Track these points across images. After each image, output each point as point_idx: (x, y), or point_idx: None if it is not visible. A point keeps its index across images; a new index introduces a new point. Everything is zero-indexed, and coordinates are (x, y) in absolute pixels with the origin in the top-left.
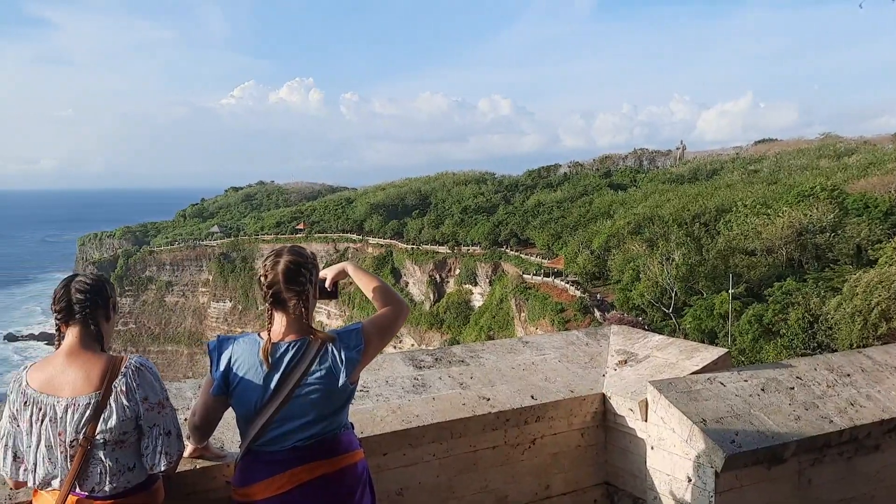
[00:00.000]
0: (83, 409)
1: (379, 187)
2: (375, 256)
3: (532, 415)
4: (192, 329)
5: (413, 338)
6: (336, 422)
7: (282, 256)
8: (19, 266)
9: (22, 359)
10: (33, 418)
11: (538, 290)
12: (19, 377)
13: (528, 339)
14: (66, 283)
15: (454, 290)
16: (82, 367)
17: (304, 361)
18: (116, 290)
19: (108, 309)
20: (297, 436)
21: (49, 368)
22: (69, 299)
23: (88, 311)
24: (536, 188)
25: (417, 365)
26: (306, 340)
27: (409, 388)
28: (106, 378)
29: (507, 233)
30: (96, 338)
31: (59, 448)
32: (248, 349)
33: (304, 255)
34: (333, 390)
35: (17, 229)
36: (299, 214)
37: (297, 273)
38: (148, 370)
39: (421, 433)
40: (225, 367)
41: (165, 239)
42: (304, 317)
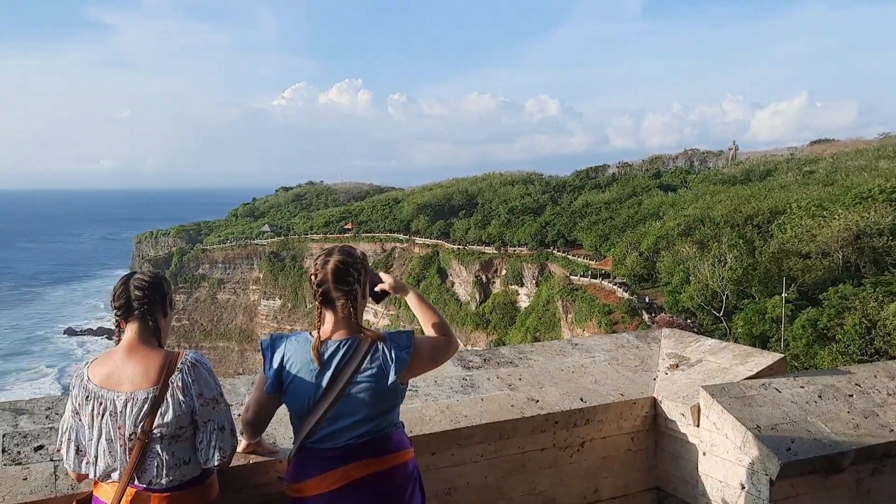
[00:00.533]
0: (141, 403)
1: (426, 188)
2: (422, 256)
3: (581, 417)
4: (243, 326)
5: (459, 338)
6: (387, 421)
7: (332, 256)
8: (81, 263)
9: (84, 352)
10: (94, 412)
11: (585, 292)
12: (81, 372)
13: (577, 342)
14: (126, 281)
15: (500, 291)
16: (141, 362)
17: (354, 360)
18: (171, 287)
19: (165, 305)
20: (348, 434)
21: (109, 364)
22: (128, 296)
23: (146, 307)
24: (584, 189)
25: (466, 365)
26: (356, 339)
27: (458, 389)
28: (163, 373)
29: (554, 233)
30: (154, 333)
31: (119, 441)
32: (299, 348)
33: (353, 255)
34: (383, 389)
35: (79, 227)
36: (347, 214)
37: (346, 273)
38: (203, 366)
39: (469, 434)
40: (278, 365)
41: (218, 237)
42: (352, 316)
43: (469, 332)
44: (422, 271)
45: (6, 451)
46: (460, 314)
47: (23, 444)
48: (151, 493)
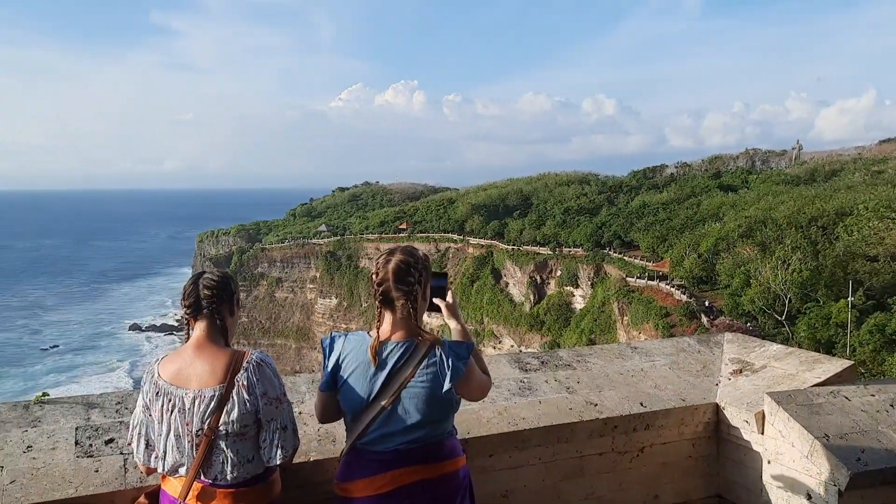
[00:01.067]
0: (208, 400)
1: (480, 188)
2: (476, 257)
3: (641, 422)
4: (300, 324)
5: (513, 339)
6: (440, 428)
7: (393, 255)
8: (147, 260)
9: (153, 347)
10: (164, 408)
11: (642, 294)
12: (152, 369)
13: (636, 345)
14: (195, 280)
15: (555, 292)
16: (208, 360)
17: (410, 363)
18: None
19: (232, 304)
20: (400, 438)
21: (178, 361)
22: (197, 295)
23: (215, 306)
24: (641, 189)
25: (523, 367)
26: (414, 342)
27: (515, 391)
28: (229, 372)
29: (610, 234)
30: (221, 332)
31: (187, 437)
32: (357, 346)
33: (415, 255)
34: (437, 396)
35: (145, 226)
36: (402, 214)
37: (407, 273)
38: (268, 366)
39: (527, 436)
40: (334, 363)
41: (276, 237)
42: (412, 318)
43: (523, 334)
44: (476, 272)
45: (79, 444)
46: (514, 315)
47: (94, 438)
48: (217, 489)
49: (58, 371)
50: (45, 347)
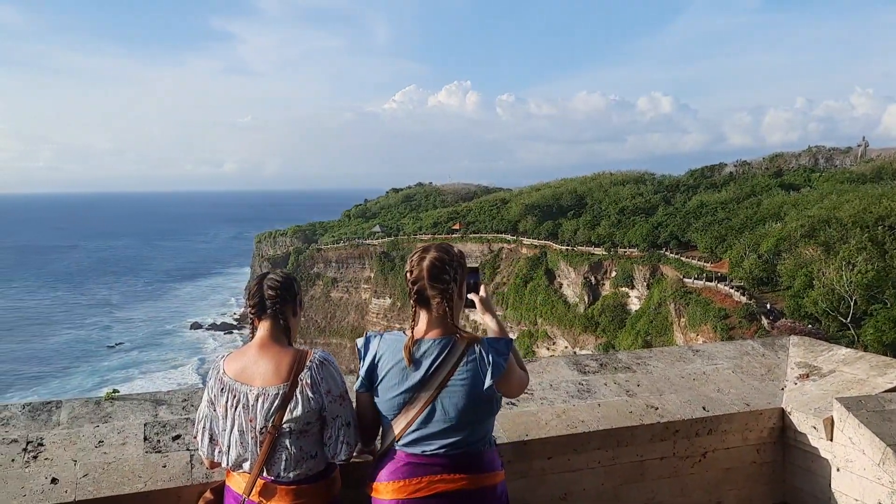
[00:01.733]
0: (272, 398)
1: (534, 188)
2: (529, 257)
3: (703, 427)
4: (355, 323)
5: (567, 340)
6: (480, 433)
7: (428, 253)
8: (208, 260)
9: (218, 345)
10: (228, 404)
11: (699, 295)
12: (217, 365)
13: (698, 348)
14: (260, 280)
15: (610, 293)
16: (272, 359)
17: (448, 361)
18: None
19: (295, 305)
20: (439, 441)
21: (243, 358)
22: (262, 295)
23: (278, 306)
24: (699, 188)
25: (582, 370)
26: (451, 340)
27: (574, 393)
28: (293, 371)
29: (666, 235)
30: (285, 332)
31: (250, 434)
32: (392, 346)
33: (450, 252)
34: (478, 394)
35: (206, 227)
36: (455, 215)
37: (442, 271)
38: (330, 364)
39: (586, 439)
40: (369, 363)
41: (332, 237)
42: (448, 316)
43: (577, 335)
44: (529, 272)
45: (147, 440)
46: (568, 316)
47: (162, 434)
48: (279, 486)
49: (123, 367)
50: (112, 344)
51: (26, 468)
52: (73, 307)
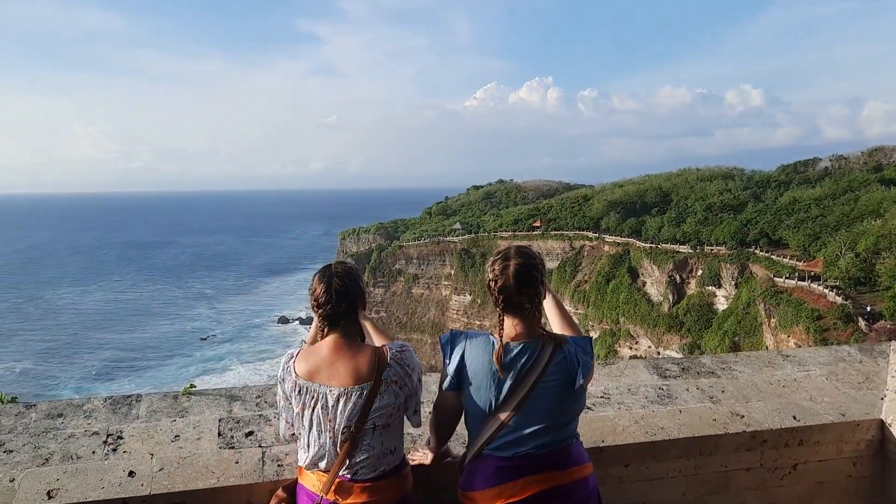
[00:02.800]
0: (355, 399)
1: (616, 184)
2: (612, 255)
3: (794, 437)
4: (436, 320)
5: (650, 339)
6: (568, 431)
7: (510, 260)
8: (295, 256)
9: (302, 341)
10: (306, 405)
11: (791, 295)
12: (289, 367)
13: (788, 353)
14: (327, 282)
15: (695, 292)
16: (351, 359)
17: (538, 364)
18: (370, 280)
19: (363, 301)
20: (530, 443)
21: (316, 359)
22: (329, 297)
23: (350, 310)
24: (791, 184)
25: (662, 374)
26: (539, 342)
27: (654, 399)
28: (374, 370)
29: (756, 232)
30: (357, 330)
31: (329, 434)
32: (480, 349)
33: (532, 255)
34: (568, 395)
35: (293, 224)
36: (536, 212)
37: (530, 276)
38: (408, 351)
39: (667, 447)
40: (458, 363)
41: (413, 234)
42: (537, 320)
43: (661, 335)
44: (611, 270)
45: (221, 435)
46: (652, 315)
47: (236, 430)
48: (355, 483)
49: (214, 360)
50: (204, 337)
51: (106, 460)
52: (169, 300)
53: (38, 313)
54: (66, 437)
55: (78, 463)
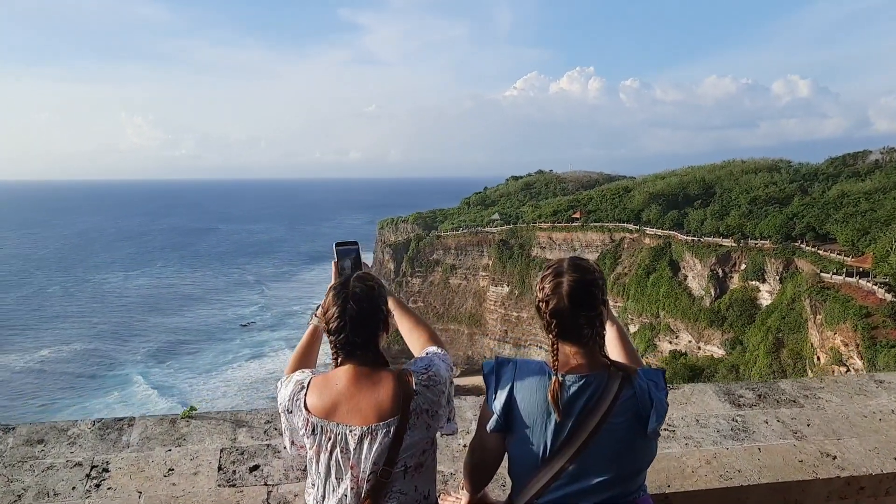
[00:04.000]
0: (381, 437)
1: (658, 176)
2: (652, 248)
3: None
4: (473, 311)
5: (690, 334)
6: (636, 484)
7: (564, 275)
8: None
9: None
10: (322, 448)
11: (838, 292)
12: (298, 398)
13: (882, 377)
14: (342, 304)
15: (738, 287)
16: (371, 391)
17: (602, 402)
18: (407, 270)
19: (385, 326)
20: (590, 498)
21: (330, 391)
22: (344, 322)
23: (369, 331)
24: (840, 177)
25: (735, 401)
26: (604, 375)
27: (727, 432)
28: (399, 401)
29: (802, 226)
30: (377, 357)
31: (351, 481)
32: (532, 384)
33: (590, 268)
34: (639, 440)
35: (333, 213)
36: (576, 203)
37: (588, 295)
38: (438, 376)
39: (744, 494)
40: (506, 399)
41: (451, 224)
42: (599, 347)
43: (702, 329)
44: (652, 263)
45: (222, 469)
46: (693, 309)
47: (239, 463)
48: None
49: (253, 346)
50: (244, 323)
51: (86, 499)
52: (211, 287)
53: (86, 297)
54: (45, 468)
55: (54, 502)
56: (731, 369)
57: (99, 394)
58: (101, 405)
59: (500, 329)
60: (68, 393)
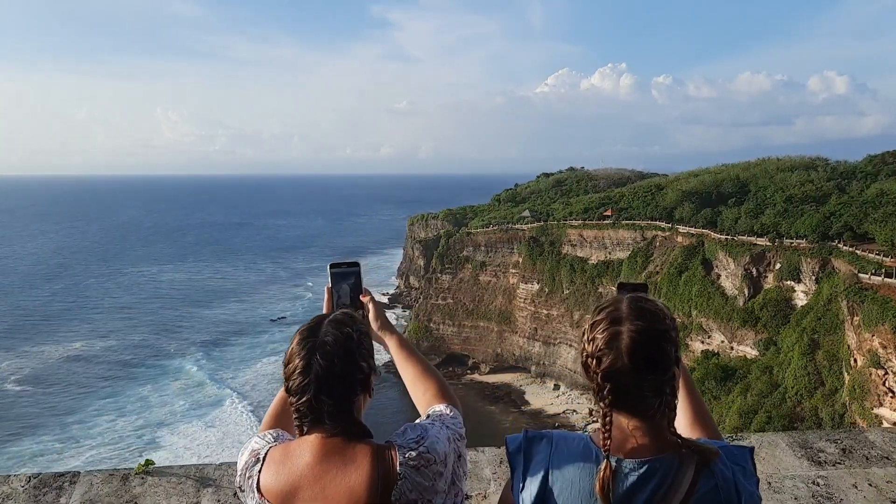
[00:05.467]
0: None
1: (691, 173)
2: (685, 246)
3: None
4: (502, 308)
5: (723, 334)
6: None
7: (623, 324)
8: (366, 241)
9: None
10: None
11: (877, 293)
12: (251, 474)
13: None
14: (307, 354)
15: (773, 287)
16: (342, 472)
17: (672, 497)
18: (437, 266)
19: (366, 386)
20: None
21: (290, 470)
22: (310, 378)
23: (340, 392)
24: (879, 175)
25: (814, 457)
26: (673, 460)
27: (806, 499)
28: (378, 488)
29: (839, 225)
30: (351, 425)
31: None
32: (574, 469)
33: (659, 314)
34: None
35: (364, 208)
36: (607, 201)
37: (658, 351)
38: (433, 452)
39: None
40: (538, 490)
41: (481, 221)
42: (667, 423)
43: (735, 329)
44: (684, 262)
45: None
46: (725, 309)
47: None
48: None
49: (283, 341)
50: (275, 318)
51: None
52: (243, 281)
53: (120, 290)
54: None
55: None
56: (764, 370)
57: (133, 385)
58: (135, 397)
59: (530, 327)
60: (110, 383)
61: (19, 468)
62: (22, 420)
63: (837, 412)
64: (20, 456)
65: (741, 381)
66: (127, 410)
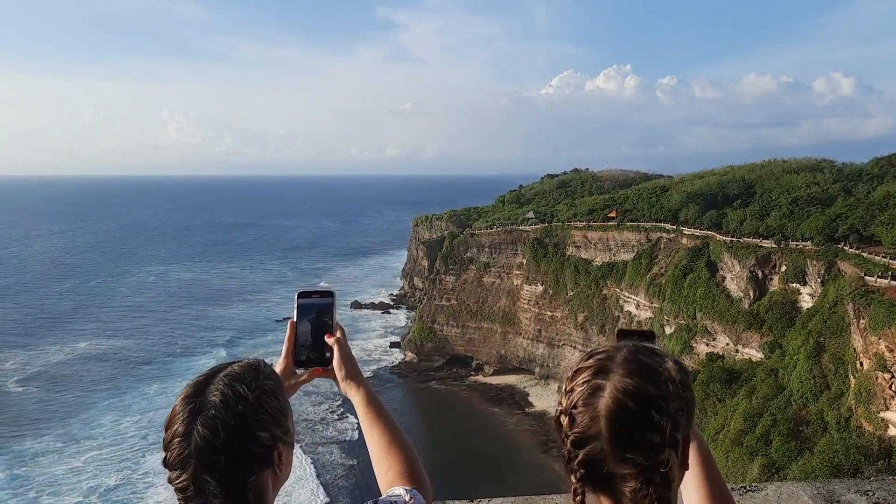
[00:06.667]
0: None
1: (696, 175)
2: (690, 248)
3: None
4: (506, 309)
5: (728, 337)
6: None
7: (610, 378)
8: (370, 241)
9: (382, 323)
10: None
11: (883, 296)
12: None
13: None
14: (187, 421)
15: (778, 289)
16: None
17: None
18: (441, 268)
19: (265, 458)
20: None
21: None
22: (190, 449)
23: (227, 468)
24: (885, 178)
25: None
26: None
27: None
28: None
29: (845, 228)
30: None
31: None
32: None
33: (658, 376)
34: None
35: (368, 209)
36: (612, 202)
37: (643, 421)
38: None
39: None
40: None
41: (486, 222)
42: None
43: (740, 332)
44: (689, 264)
45: None
46: (731, 311)
47: None
48: None
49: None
50: (280, 319)
51: None
52: (248, 281)
53: (127, 290)
54: None
55: None
56: (770, 373)
57: (139, 384)
58: (140, 397)
59: (534, 328)
60: (115, 382)
61: (20, 468)
62: (25, 419)
63: (843, 416)
64: (21, 456)
65: (746, 384)
66: (132, 410)
